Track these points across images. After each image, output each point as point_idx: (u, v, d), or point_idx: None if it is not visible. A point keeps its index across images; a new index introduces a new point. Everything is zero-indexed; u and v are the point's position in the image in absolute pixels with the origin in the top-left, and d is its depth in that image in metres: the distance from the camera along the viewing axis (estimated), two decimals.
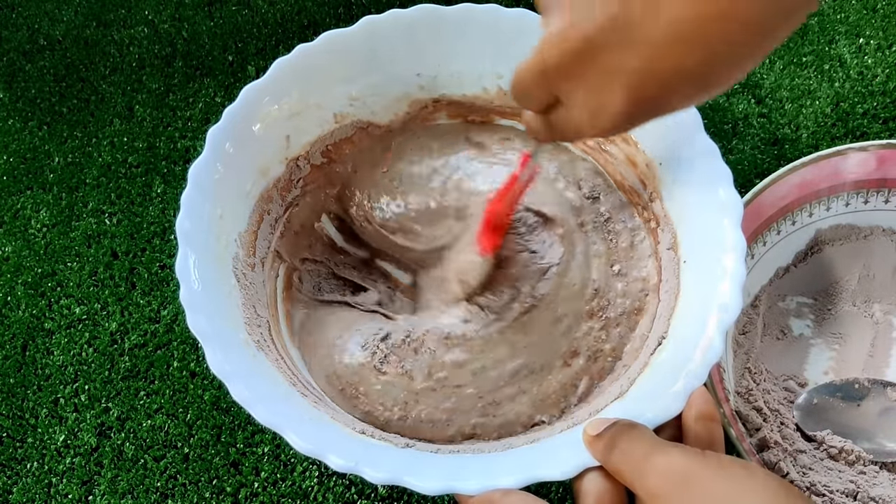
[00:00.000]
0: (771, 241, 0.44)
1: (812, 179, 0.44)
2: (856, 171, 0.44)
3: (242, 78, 0.54)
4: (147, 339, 0.47)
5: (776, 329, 0.45)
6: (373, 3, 0.56)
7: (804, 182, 0.44)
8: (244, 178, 0.42)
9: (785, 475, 0.39)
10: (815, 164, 0.43)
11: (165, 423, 0.45)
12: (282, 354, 0.40)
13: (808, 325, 0.45)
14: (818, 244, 0.45)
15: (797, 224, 0.45)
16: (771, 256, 0.45)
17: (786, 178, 0.43)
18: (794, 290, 0.46)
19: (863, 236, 0.45)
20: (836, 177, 0.44)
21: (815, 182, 0.44)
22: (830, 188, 0.44)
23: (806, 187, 0.44)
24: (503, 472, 0.34)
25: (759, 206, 0.43)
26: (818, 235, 0.45)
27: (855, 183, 0.44)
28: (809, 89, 0.51)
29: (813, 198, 0.44)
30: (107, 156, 0.52)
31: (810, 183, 0.44)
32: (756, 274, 0.44)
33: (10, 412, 0.46)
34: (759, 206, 0.43)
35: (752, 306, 0.44)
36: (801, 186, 0.44)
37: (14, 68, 0.56)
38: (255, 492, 0.43)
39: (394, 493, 0.43)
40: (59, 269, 0.49)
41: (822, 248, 0.45)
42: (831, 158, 0.44)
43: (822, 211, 0.45)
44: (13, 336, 0.48)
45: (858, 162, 0.43)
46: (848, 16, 0.53)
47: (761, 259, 0.44)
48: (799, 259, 0.46)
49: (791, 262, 0.45)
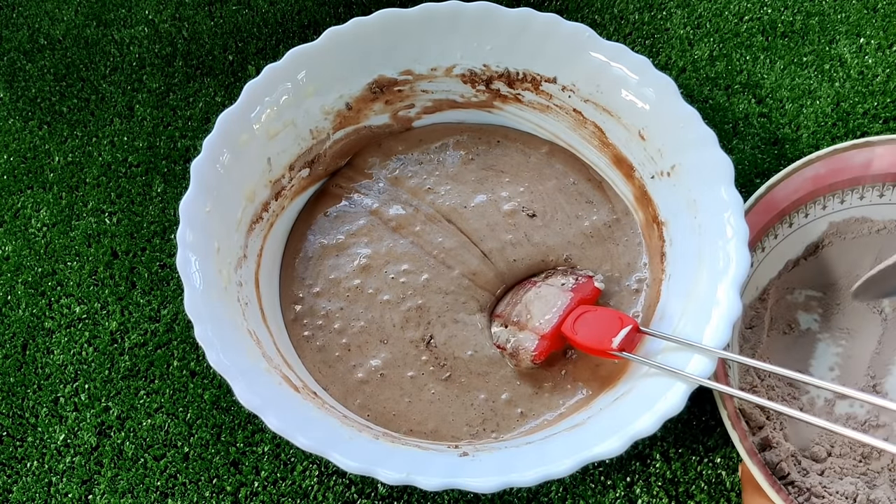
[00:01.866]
0: (783, 234, 0.44)
1: (826, 173, 0.44)
2: (873, 165, 0.43)
3: (242, 78, 0.54)
4: (147, 338, 0.47)
5: (783, 323, 0.44)
6: (373, 2, 0.56)
7: (818, 175, 0.44)
8: (233, 207, 0.42)
9: (786, 476, 0.39)
10: (829, 157, 0.43)
11: (165, 423, 0.45)
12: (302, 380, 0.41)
13: (816, 319, 0.45)
14: (830, 237, 0.45)
15: (810, 216, 0.44)
16: (782, 249, 0.44)
17: (800, 172, 0.43)
18: (804, 284, 0.45)
19: (875, 230, 0.45)
20: (852, 170, 0.44)
21: (830, 175, 0.44)
22: (845, 181, 0.44)
23: (820, 181, 0.44)
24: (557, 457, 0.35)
25: (771, 200, 0.43)
26: (830, 228, 0.45)
27: (872, 177, 0.44)
28: (810, 89, 0.51)
29: (827, 191, 0.44)
30: (107, 155, 0.52)
31: (824, 176, 0.44)
32: (766, 267, 0.44)
33: (10, 411, 0.46)
34: (772, 200, 0.43)
35: (759, 300, 0.44)
36: (815, 180, 0.44)
37: (14, 68, 0.56)
38: (255, 491, 0.43)
39: (394, 492, 0.43)
40: (59, 269, 0.49)
41: (833, 242, 0.45)
42: (847, 152, 0.43)
43: (836, 204, 0.44)
44: (13, 335, 0.48)
45: (876, 156, 0.43)
46: (848, 15, 0.53)
47: (772, 251, 0.44)
48: (809, 252, 0.45)
49: (801, 255, 0.45)
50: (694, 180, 0.41)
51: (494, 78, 0.47)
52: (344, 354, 0.43)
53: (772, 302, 0.44)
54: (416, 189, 0.47)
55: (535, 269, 0.45)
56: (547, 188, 0.47)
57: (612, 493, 0.42)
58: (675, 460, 0.43)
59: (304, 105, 0.45)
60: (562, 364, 0.43)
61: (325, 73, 0.45)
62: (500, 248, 0.45)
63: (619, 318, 0.40)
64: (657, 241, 0.44)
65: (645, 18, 0.54)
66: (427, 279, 0.45)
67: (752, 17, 0.53)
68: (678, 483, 0.42)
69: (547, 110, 0.47)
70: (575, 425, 0.38)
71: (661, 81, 0.42)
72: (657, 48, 0.53)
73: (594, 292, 0.43)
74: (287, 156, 0.45)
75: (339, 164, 0.48)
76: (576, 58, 0.44)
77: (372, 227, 0.46)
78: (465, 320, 0.44)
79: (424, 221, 0.46)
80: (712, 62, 0.52)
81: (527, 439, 0.39)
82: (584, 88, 0.45)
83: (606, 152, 0.46)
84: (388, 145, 0.49)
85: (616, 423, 0.36)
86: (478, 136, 0.49)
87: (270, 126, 0.44)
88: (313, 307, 0.44)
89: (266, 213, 0.45)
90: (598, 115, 0.45)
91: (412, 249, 0.45)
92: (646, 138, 0.43)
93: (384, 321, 0.44)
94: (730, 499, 0.42)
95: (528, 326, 0.42)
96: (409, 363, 0.43)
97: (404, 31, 0.45)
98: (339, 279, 0.45)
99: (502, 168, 0.48)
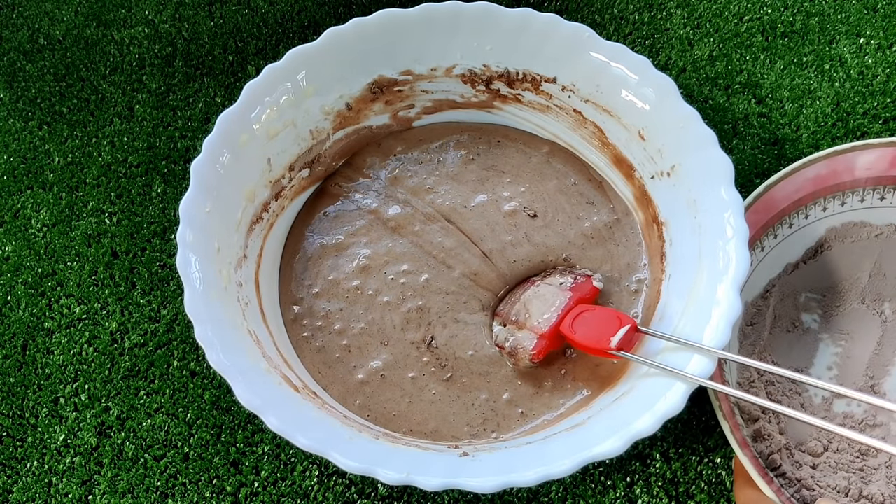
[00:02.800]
0: (782, 235, 0.44)
1: (827, 174, 0.43)
2: (873, 167, 0.43)
3: (242, 78, 0.54)
4: (147, 338, 0.47)
5: (787, 321, 0.44)
6: (373, 2, 0.56)
7: (818, 176, 0.43)
8: (233, 207, 0.42)
9: (778, 467, 0.39)
10: (830, 158, 0.43)
11: (165, 423, 0.45)
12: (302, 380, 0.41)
13: (816, 320, 0.45)
14: (829, 241, 0.45)
15: (810, 218, 0.44)
16: (781, 250, 0.44)
17: (801, 172, 0.43)
18: (804, 286, 0.45)
19: (874, 235, 0.45)
20: (853, 172, 0.44)
21: (830, 177, 0.44)
22: (846, 183, 0.44)
23: (820, 181, 0.44)
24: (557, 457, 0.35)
25: (771, 199, 0.43)
26: (829, 232, 0.45)
27: (872, 179, 0.44)
28: (810, 89, 0.51)
29: (828, 192, 0.44)
30: (107, 155, 0.52)
31: (825, 177, 0.44)
32: (766, 266, 0.44)
33: (10, 412, 0.46)
34: (772, 200, 0.43)
35: (761, 297, 0.44)
36: (816, 181, 0.44)
37: (14, 68, 0.56)
38: (255, 491, 0.43)
39: (394, 492, 0.43)
40: (59, 269, 0.49)
41: (832, 246, 0.45)
42: (847, 154, 0.43)
43: (836, 206, 0.44)
44: (13, 335, 0.48)
45: (876, 158, 0.43)
46: (848, 16, 0.53)
47: (771, 252, 0.44)
48: (809, 255, 0.45)
49: (801, 259, 0.45)
50: (694, 180, 0.41)
51: (494, 78, 0.47)
52: (344, 356, 0.43)
53: (775, 300, 0.44)
54: (416, 188, 0.47)
55: (536, 270, 0.45)
56: (548, 188, 0.47)
57: (612, 493, 0.42)
58: (675, 460, 0.43)
59: (304, 105, 0.45)
60: (561, 363, 0.43)
61: (325, 74, 0.45)
62: (500, 249, 0.45)
63: (617, 317, 0.40)
64: (657, 242, 0.44)
65: (645, 18, 0.54)
66: (427, 279, 0.45)
67: (752, 17, 0.53)
68: (678, 483, 0.42)
69: (547, 110, 0.47)
70: (575, 425, 0.38)
71: (661, 81, 0.42)
72: (657, 48, 0.53)
73: (593, 291, 0.43)
74: (287, 156, 0.45)
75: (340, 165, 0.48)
76: (576, 58, 0.44)
77: (371, 226, 0.46)
78: (466, 319, 0.44)
79: (424, 221, 0.46)
80: (712, 62, 0.52)
81: (527, 439, 0.39)
82: (584, 88, 0.45)
83: (606, 152, 0.46)
84: (388, 145, 0.49)
85: (616, 423, 0.36)
86: (478, 135, 0.49)
87: (270, 126, 0.44)
88: (312, 308, 0.44)
89: (266, 214, 0.45)
90: (598, 115, 0.45)
91: (412, 249, 0.45)
92: (646, 138, 0.43)
93: (384, 323, 0.44)
94: (730, 499, 0.42)
95: (526, 325, 0.42)
96: (409, 364, 0.43)
97: (404, 32, 0.45)
98: (338, 280, 0.45)
99: (503, 168, 0.48)
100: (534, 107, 0.47)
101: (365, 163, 0.48)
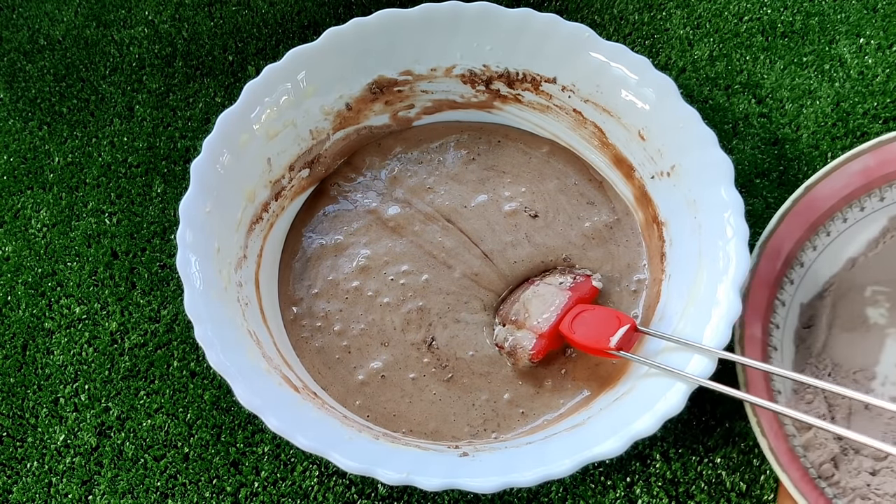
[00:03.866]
0: (836, 231, 0.43)
1: (875, 165, 0.43)
2: None
3: (242, 78, 0.54)
4: (147, 338, 0.47)
5: (847, 319, 0.43)
6: (373, 2, 0.56)
7: (867, 169, 0.43)
8: (233, 207, 0.42)
9: (830, 476, 0.39)
10: (875, 150, 0.42)
11: (165, 423, 0.45)
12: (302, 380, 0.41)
13: (884, 314, 0.43)
14: (892, 229, 0.44)
15: (866, 210, 0.43)
16: (838, 246, 0.44)
17: (843, 168, 0.42)
18: (869, 279, 0.44)
19: None
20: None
21: (880, 167, 0.43)
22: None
23: (870, 173, 0.43)
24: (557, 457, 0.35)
25: (812, 200, 0.42)
26: (892, 221, 0.44)
27: None
28: (810, 89, 0.51)
29: (881, 182, 0.43)
30: (107, 156, 0.52)
31: (874, 169, 0.43)
32: (822, 265, 0.43)
33: (10, 412, 0.46)
34: (814, 199, 0.42)
35: (818, 297, 0.43)
36: (865, 173, 0.43)
37: (14, 68, 0.56)
38: (255, 491, 0.43)
39: (394, 492, 0.43)
40: (59, 269, 0.49)
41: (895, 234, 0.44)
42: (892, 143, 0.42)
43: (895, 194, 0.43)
44: (13, 336, 0.48)
45: None
46: (848, 16, 0.53)
47: (826, 249, 0.43)
48: (872, 247, 0.44)
49: (863, 252, 0.44)
50: (694, 180, 0.41)
51: (494, 78, 0.47)
52: (344, 356, 0.43)
53: (833, 299, 0.43)
54: (416, 188, 0.47)
55: (536, 271, 0.45)
56: (548, 188, 0.47)
57: (612, 493, 0.42)
58: (675, 460, 0.43)
59: (304, 105, 0.45)
60: (561, 363, 0.43)
61: (325, 74, 0.45)
62: (500, 250, 0.45)
63: (616, 317, 0.40)
64: (657, 242, 0.44)
65: (645, 18, 0.54)
66: (427, 279, 0.45)
67: (751, 18, 0.53)
68: (678, 483, 0.42)
69: (547, 110, 0.47)
70: (575, 425, 0.38)
71: (661, 81, 0.42)
72: (657, 48, 0.53)
73: (592, 291, 0.43)
74: (287, 156, 0.45)
75: (339, 165, 0.48)
76: (576, 58, 0.44)
77: (371, 226, 0.46)
78: (466, 319, 0.44)
79: (424, 221, 0.46)
80: (712, 62, 0.52)
81: (527, 439, 0.39)
82: (584, 88, 0.45)
83: (606, 152, 0.46)
84: (388, 144, 0.49)
85: (616, 423, 0.36)
86: (478, 135, 0.49)
87: (270, 126, 0.44)
88: (312, 308, 0.44)
89: (266, 214, 0.45)
90: (598, 115, 0.45)
91: (412, 249, 0.45)
92: (646, 138, 0.43)
93: (385, 324, 0.44)
94: (730, 499, 0.42)
95: (526, 325, 0.42)
96: (410, 365, 0.43)
97: (404, 32, 0.45)
98: (337, 280, 0.45)
99: (503, 168, 0.48)
100: (534, 107, 0.47)
101: (365, 163, 0.48)
